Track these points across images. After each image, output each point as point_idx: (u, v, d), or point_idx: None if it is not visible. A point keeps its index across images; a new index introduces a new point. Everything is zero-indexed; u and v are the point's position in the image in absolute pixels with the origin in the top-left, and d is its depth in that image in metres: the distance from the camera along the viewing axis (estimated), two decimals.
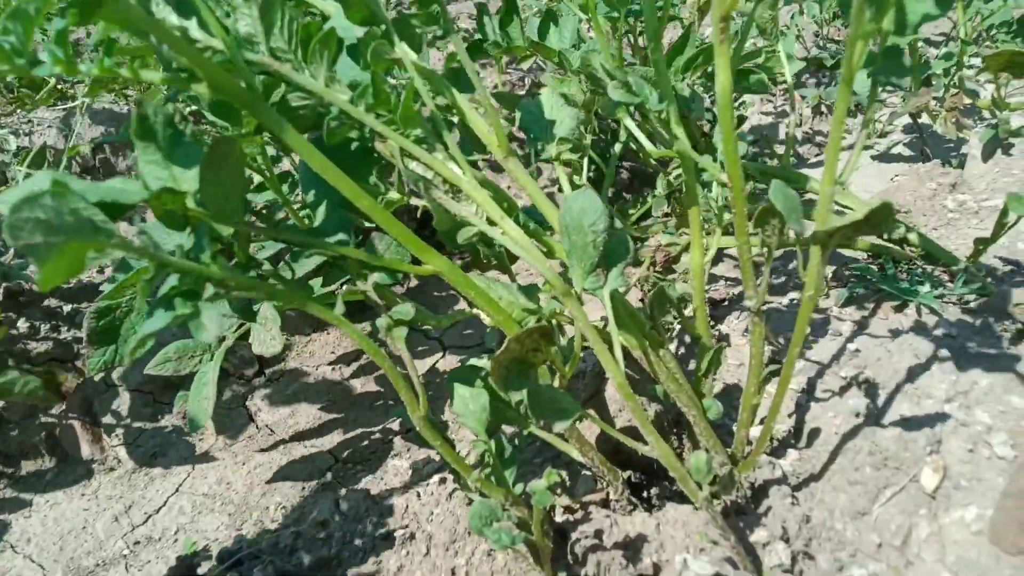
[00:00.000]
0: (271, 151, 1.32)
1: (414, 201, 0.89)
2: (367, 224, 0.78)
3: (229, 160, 0.65)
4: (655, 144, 1.20)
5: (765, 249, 0.82)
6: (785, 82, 3.34)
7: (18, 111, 2.56)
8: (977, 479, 0.92)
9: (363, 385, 1.69)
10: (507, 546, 0.75)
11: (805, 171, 1.67)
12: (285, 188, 1.42)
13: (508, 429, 0.91)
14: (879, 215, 0.67)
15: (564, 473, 1.01)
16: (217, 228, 0.71)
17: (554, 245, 0.90)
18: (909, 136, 2.54)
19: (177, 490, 1.46)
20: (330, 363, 1.77)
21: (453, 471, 0.83)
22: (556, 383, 0.79)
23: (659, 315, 0.89)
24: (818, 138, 2.85)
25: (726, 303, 1.65)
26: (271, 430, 1.60)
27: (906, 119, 2.65)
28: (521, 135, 2.36)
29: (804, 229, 0.74)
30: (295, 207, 1.43)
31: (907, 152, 2.45)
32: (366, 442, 1.54)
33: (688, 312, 0.98)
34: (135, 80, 0.65)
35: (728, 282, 1.71)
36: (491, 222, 0.79)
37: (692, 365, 1.24)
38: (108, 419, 1.62)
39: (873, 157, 2.48)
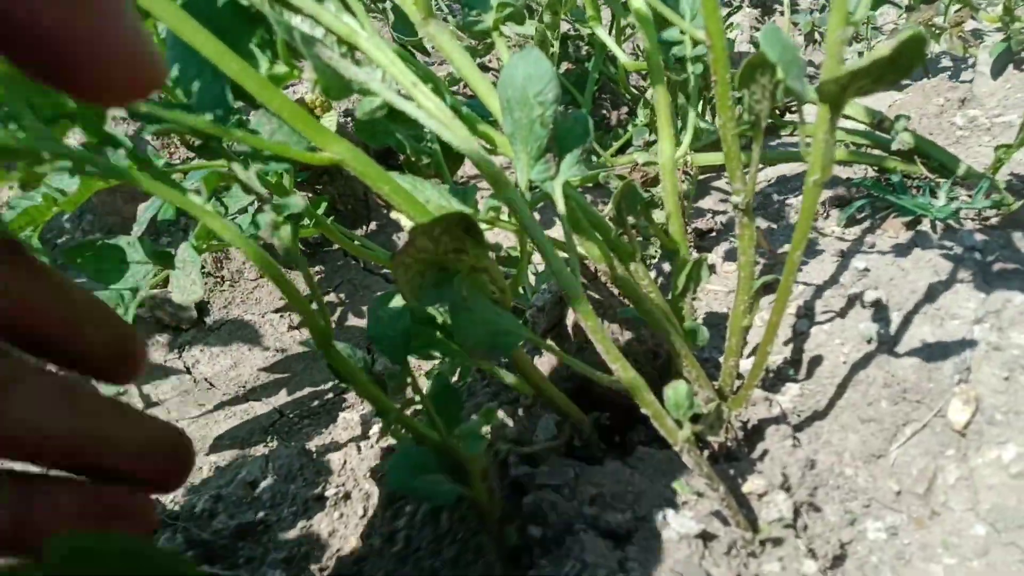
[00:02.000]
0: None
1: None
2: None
3: None
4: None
5: (753, 118, 0.65)
6: (776, 8, 3.14)
7: None
8: (1015, 412, 0.76)
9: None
10: (439, 503, 0.59)
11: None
12: None
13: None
14: (908, 51, 0.49)
15: (519, 413, 0.85)
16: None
17: (496, 137, 0.73)
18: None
19: None
20: (277, 310, 1.60)
21: (378, 414, 0.66)
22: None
23: (627, 218, 0.71)
24: (810, 69, 2.66)
25: (713, 233, 1.49)
26: (210, 383, 1.44)
27: None
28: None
29: (806, 87, 0.57)
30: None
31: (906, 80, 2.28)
32: (316, 397, 1.38)
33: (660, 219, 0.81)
34: None
35: (715, 215, 1.54)
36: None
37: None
38: None
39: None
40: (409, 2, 0.67)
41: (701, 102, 1.63)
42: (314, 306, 0.62)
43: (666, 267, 1.22)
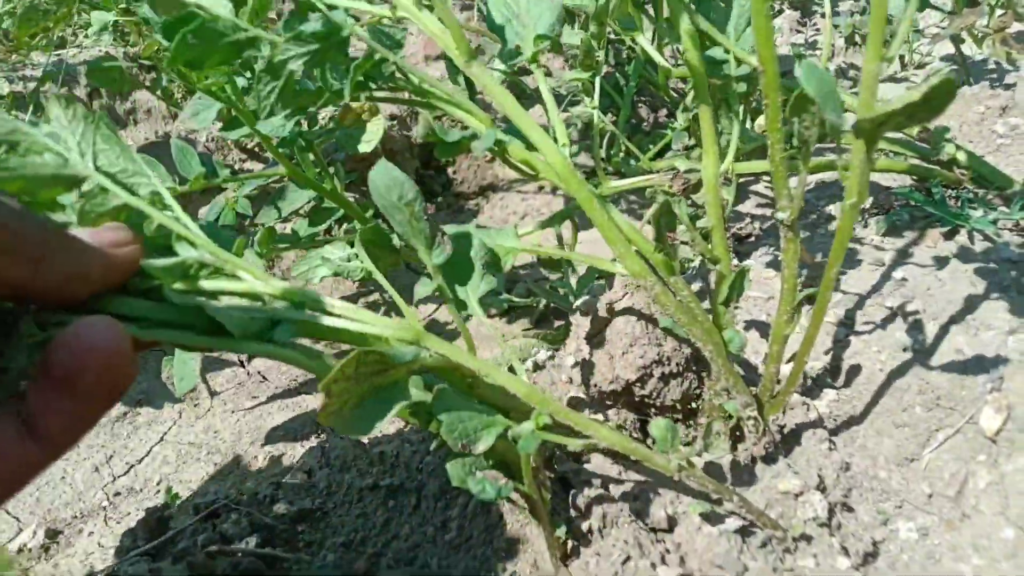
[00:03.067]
0: (241, 82, 1.20)
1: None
2: None
3: None
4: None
5: (802, 145, 0.69)
6: (816, 11, 3.13)
7: (13, 56, 2.46)
8: None
9: None
10: (493, 498, 0.64)
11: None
12: None
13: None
14: (939, 94, 0.53)
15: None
16: None
17: (535, 162, 0.77)
18: (948, 66, 2.36)
19: (162, 439, 1.37)
20: None
21: None
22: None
23: (666, 233, 0.76)
24: (852, 72, 2.66)
25: (752, 239, 1.52)
26: (263, 376, 1.50)
27: (945, 49, 2.46)
28: None
29: (843, 120, 0.60)
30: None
31: None
32: None
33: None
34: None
35: (754, 220, 1.57)
36: None
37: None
38: None
39: (909, 90, 2.30)
40: (452, 47, 0.71)
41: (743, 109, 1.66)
42: None
43: (707, 274, 1.26)
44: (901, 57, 2.51)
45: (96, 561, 1.11)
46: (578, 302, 1.11)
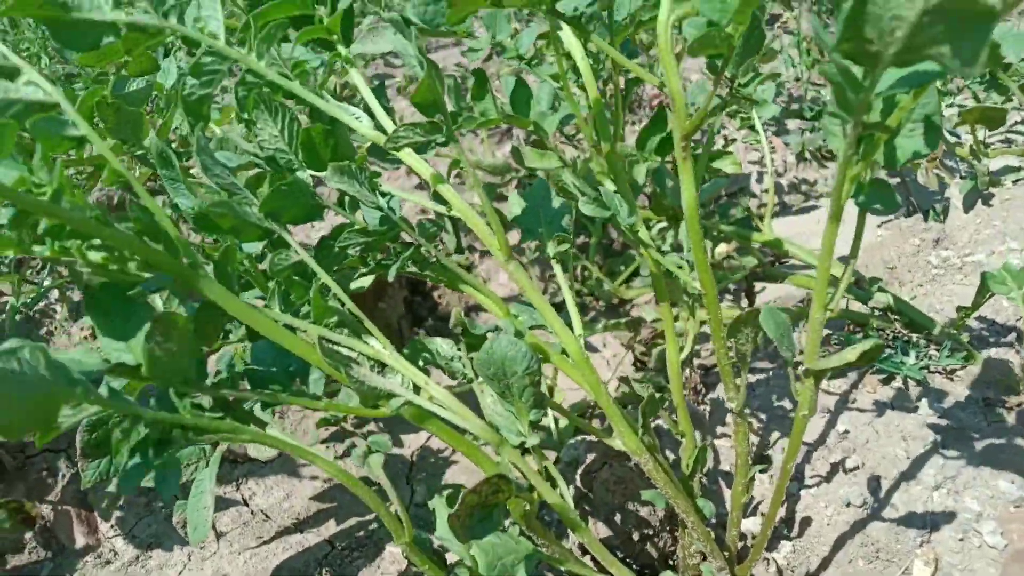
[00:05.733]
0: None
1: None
2: None
3: (173, 331, 0.68)
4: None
5: (740, 357, 0.84)
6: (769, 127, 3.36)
7: None
8: (969, 570, 0.92)
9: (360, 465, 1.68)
10: None
11: (786, 221, 1.69)
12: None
13: None
14: (871, 353, 0.68)
15: None
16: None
17: (553, 357, 0.91)
18: (892, 181, 2.57)
19: None
20: (323, 441, 1.77)
21: None
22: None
23: (651, 420, 0.89)
24: (803, 186, 2.87)
25: (717, 368, 1.66)
26: (266, 515, 1.60)
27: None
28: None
29: (795, 353, 0.75)
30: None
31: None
32: (363, 527, 1.53)
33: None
34: (83, 260, 0.68)
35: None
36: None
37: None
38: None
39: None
40: (496, 246, 0.86)
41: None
42: (393, 509, 0.80)
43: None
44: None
45: None
46: (563, 453, 1.23)
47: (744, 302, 1.89)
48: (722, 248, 1.63)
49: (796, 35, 3.20)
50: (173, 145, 1.58)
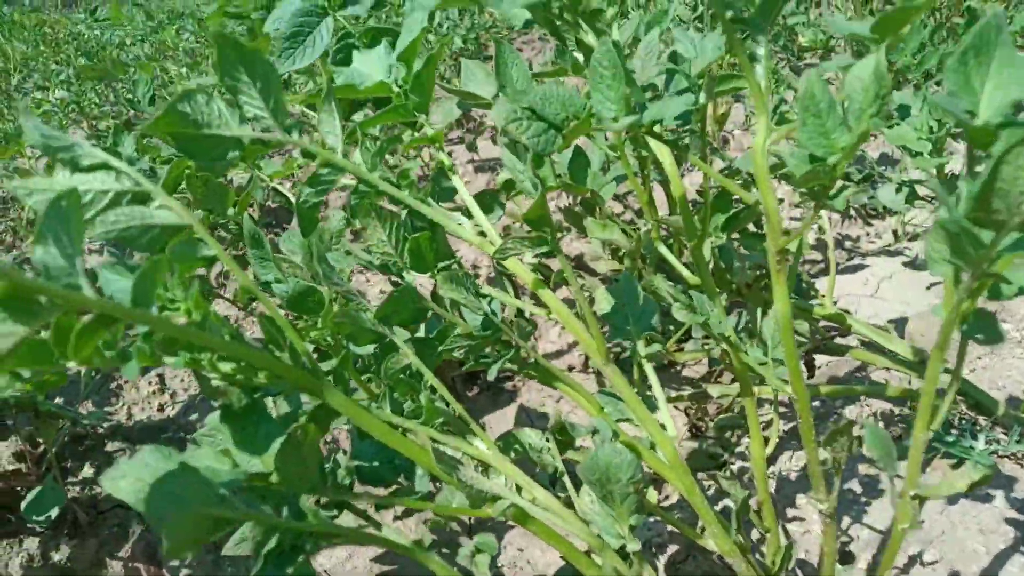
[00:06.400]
0: None
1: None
2: None
3: (304, 445, 0.72)
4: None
5: (835, 463, 0.86)
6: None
7: None
8: None
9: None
10: None
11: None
12: None
13: None
14: (980, 483, 0.71)
15: None
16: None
17: (655, 463, 0.94)
18: None
19: None
20: (396, 518, 1.80)
21: None
22: None
23: (741, 521, 0.92)
24: (847, 243, 2.88)
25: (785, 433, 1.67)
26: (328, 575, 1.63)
27: (933, 218, 2.66)
28: None
29: (896, 469, 0.78)
30: None
31: None
32: None
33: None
34: (215, 371, 0.72)
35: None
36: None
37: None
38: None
39: (905, 264, 2.49)
40: (593, 349, 0.90)
41: None
42: None
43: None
44: (895, 231, 2.69)
45: None
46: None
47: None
48: None
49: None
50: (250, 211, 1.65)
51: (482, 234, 0.93)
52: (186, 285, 0.77)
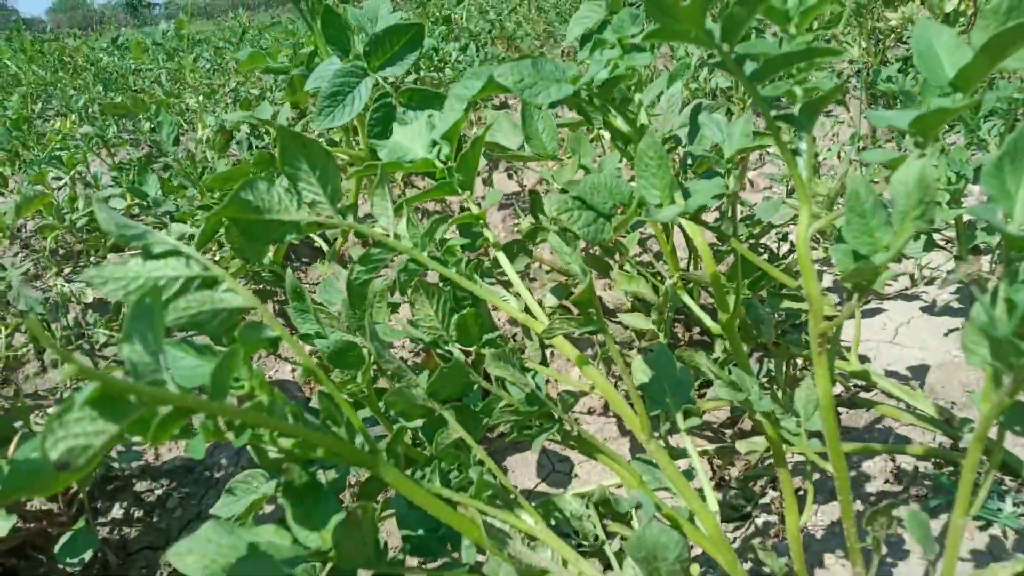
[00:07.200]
0: None
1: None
2: None
3: (363, 521, 0.75)
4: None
5: (875, 542, 0.88)
6: None
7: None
8: None
9: None
10: None
11: (850, 325, 1.72)
12: None
13: None
14: None
15: None
16: None
17: (695, 536, 0.96)
18: (958, 286, 2.58)
19: None
20: None
21: None
22: None
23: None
24: None
25: (802, 492, 1.69)
26: None
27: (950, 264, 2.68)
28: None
29: (935, 551, 0.80)
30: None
31: (957, 304, 2.49)
32: None
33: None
34: (276, 447, 0.75)
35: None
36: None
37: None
38: None
39: (923, 309, 2.50)
40: (637, 427, 0.92)
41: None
42: None
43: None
44: (911, 276, 2.70)
45: None
46: None
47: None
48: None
49: (855, 133, 3.27)
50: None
51: (527, 311, 0.96)
52: (250, 366, 0.80)
